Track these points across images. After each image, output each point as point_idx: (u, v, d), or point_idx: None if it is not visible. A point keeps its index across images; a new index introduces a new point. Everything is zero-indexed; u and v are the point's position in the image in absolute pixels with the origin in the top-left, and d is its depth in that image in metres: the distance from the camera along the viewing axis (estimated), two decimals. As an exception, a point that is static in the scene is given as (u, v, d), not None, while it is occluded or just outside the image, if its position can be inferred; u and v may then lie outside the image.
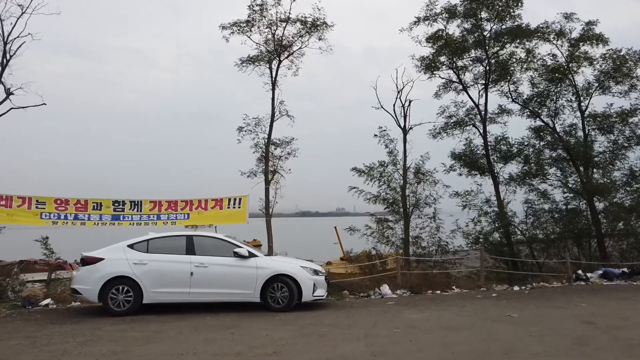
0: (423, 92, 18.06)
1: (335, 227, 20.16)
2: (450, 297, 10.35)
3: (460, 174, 16.40)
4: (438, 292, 11.69)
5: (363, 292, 11.85)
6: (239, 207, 13.74)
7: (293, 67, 15.78)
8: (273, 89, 15.41)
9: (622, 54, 15.86)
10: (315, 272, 9.11)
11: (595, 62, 16.42)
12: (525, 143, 16.27)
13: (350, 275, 13.85)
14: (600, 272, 12.35)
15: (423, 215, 15.53)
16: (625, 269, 12.30)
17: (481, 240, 15.31)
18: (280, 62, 15.59)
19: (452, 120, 16.60)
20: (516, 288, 11.67)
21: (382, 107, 16.57)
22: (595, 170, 16.71)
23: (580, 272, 12.44)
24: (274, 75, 15.44)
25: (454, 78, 17.00)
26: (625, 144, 16.21)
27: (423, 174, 15.59)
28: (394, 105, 16.36)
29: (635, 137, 15.97)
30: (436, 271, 12.84)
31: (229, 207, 13.37)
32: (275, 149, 15.76)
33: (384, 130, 15.94)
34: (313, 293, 8.87)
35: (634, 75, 15.84)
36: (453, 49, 16.05)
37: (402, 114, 16.13)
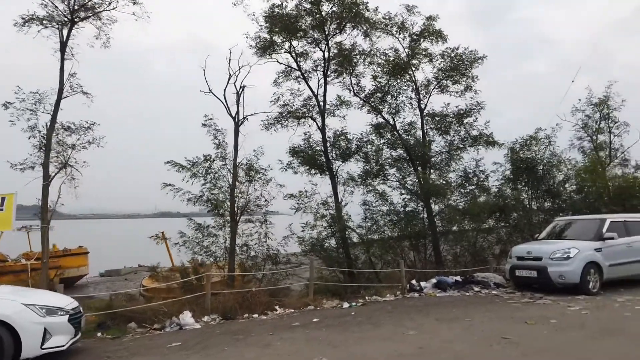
0: (268, 80, 16.07)
1: (162, 233, 16.87)
2: (264, 325, 8.14)
3: (296, 172, 14.53)
4: (256, 315, 9.43)
5: (160, 322, 9.11)
6: (1, 209, 10.26)
7: (102, 37, 12.43)
8: (62, 58, 11.76)
9: (459, 52, 15.56)
10: (51, 312, 6.08)
11: (434, 60, 15.94)
12: (365, 139, 15.05)
13: (168, 294, 11.11)
14: (434, 281, 11.35)
15: (254, 220, 13.31)
16: (458, 278, 11.49)
17: (317, 247, 13.61)
18: (73, 24, 12.00)
19: (286, 110, 14.63)
20: (346, 305, 9.96)
21: (211, 91, 13.90)
22: (432, 171, 16.27)
23: (414, 282, 11.29)
24: (64, 40, 11.83)
25: (294, 65, 15.11)
26: (461, 145, 16.00)
27: (256, 172, 13.34)
28: (224, 90, 13.81)
29: (470, 138, 15.82)
30: (257, 288, 10.59)
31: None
32: (69, 135, 12.19)
33: (211, 119, 13.34)
34: (43, 344, 5.85)
35: (470, 75, 15.66)
36: (287, 27, 14.06)
37: (236, 102, 13.71)
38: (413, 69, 15.89)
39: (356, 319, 8.10)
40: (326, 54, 14.80)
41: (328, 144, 14.75)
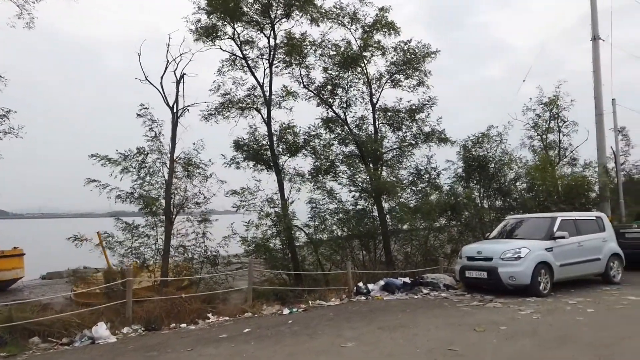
0: (213, 70, 14.91)
1: (98, 233, 15.41)
2: (188, 338, 7.16)
3: (238, 167, 13.56)
4: (184, 325, 8.43)
5: (70, 335, 7.96)
6: None
7: (25, 16, 11.10)
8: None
9: (411, 45, 15.05)
10: None
11: (387, 53, 15.36)
12: (313, 133, 14.26)
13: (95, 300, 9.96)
14: (382, 283, 10.70)
15: (192, 219, 12.26)
16: (407, 279, 10.89)
17: (261, 248, 12.69)
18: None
19: (228, 100, 13.62)
20: (286, 311, 9.12)
21: (146, 79, 12.71)
22: (384, 168, 15.71)
23: (361, 284, 10.60)
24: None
25: (239, 53, 14.11)
26: (413, 142, 15.52)
27: (195, 166, 12.28)
28: (161, 78, 12.66)
29: (422, 134, 15.36)
30: (187, 295, 9.56)
31: None
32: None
33: (146, 109, 12.18)
34: None
35: (422, 69, 15.18)
36: (229, 9, 13.04)
37: (175, 91, 12.57)
38: (365, 61, 15.26)
39: (292, 329, 7.27)
40: (272, 41, 13.90)
41: (274, 138, 13.87)
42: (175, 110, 12.48)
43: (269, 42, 13.83)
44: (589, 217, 11.10)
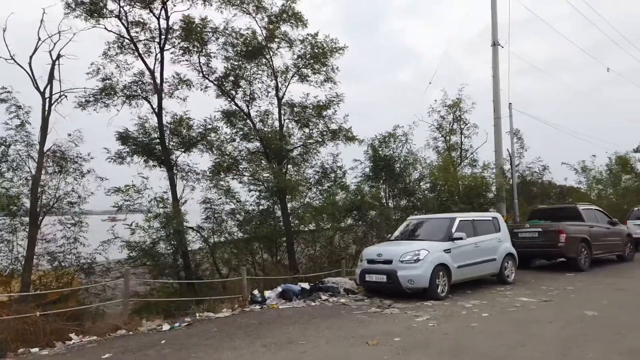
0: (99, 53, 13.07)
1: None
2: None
3: (121, 162, 12.08)
4: (36, 350, 7.03)
5: None
6: None
7: None
8: None
9: (319, 40, 14.49)
10: None
11: (294, 45, 14.67)
12: (209, 126, 13.16)
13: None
14: (279, 289, 9.93)
15: (65, 221, 10.65)
16: (306, 285, 10.21)
17: (150, 253, 11.36)
18: None
19: (108, 85, 12.09)
20: (166, 327, 8.02)
21: (12, 58, 10.88)
22: (290, 166, 15.02)
23: (256, 292, 9.73)
24: None
25: (127, 34, 12.59)
26: (319, 139, 14.99)
27: (71, 161, 10.67)
28: (30, 57, 10.92)
29: (329, 131, 14.88)
30: (42, 313, 8.07)
31: None
32: None
33: (9, 92, 10.39)
34: None
35: (330, 65, 14.69)
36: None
37: (49, 74, 10.86)
38: (271, 53, 14.44)
39: (162, 352, 6.22)
40: (163, 22, 12.57)
41: (168, 131, 12.56)
42: (48, 96, 10.80)
43: (159, 24, 12.47)
44: (486, 217, 11.20)
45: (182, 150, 12.64)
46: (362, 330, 6.74)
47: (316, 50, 14.36)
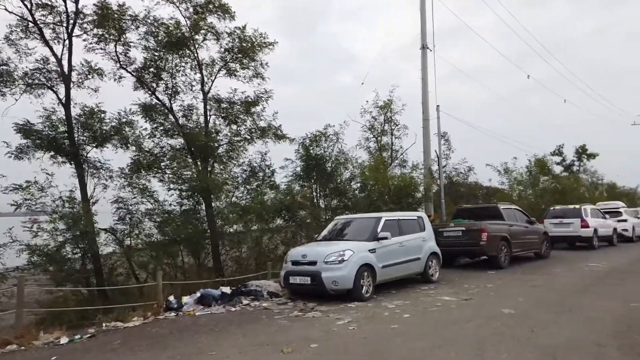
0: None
1: None
2: None
3: (21, 158, 10.90)
4: None
5: None
6: None
7: None
8: None
9: (247, 33, 13.95)
10: None
11: (222, 38, 14.02)
12: (124, 120, 12.22)
13: None
14: (197, 295, 9.31)
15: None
16: (227, 289, 9.66)
17: (55, 257, 10.29)
18: None
19: (4, 70, 10.89)
20: (64, 340, 7.18)
21: None
22: (216, 164, 14.35)
23: (172, 298, 9.07)
24: None
25: (30, 16, 11.38)
26: (248, 137, 14.45)
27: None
28: None
29: (258, 129, 14.38)
30: None
31: None
32: None
33: None
34: None
35: (259, 60, 14.19)
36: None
37: None
38: (196, 45, 13.70)
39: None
40: (71, 4, 11.49)
41: (78, 124, 11.49)
42: None
43: (66, 7, 11.38)
44: (411, 217, 11.22)
45: (94, 145, 11.61)
46: (280, 337, 6.35)
47: (244, 45, 13.82)
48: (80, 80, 11.73)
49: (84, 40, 12.24)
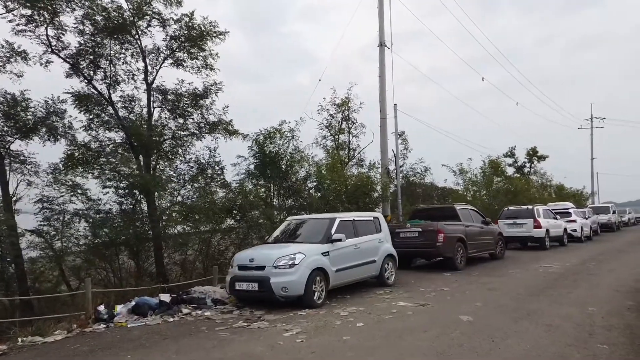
0: None
1: None
2: None
3: None
4: None
5: None
6: None
7: None
8: None
9: (196, 21, 13.03)
10: None
11: (168, 25, 13.04)
12: (52, 109, 11.08)
13: None
14: (132, 303, 8.42)
15: None
16: (166, 297, 8.79)
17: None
18: None
19: None
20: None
21: None
22: (162, 161, 13.38)
23: (102, 308, 8.12)
24: None
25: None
26: (196, 132, 13.55)
27: None
28: None
29: (207, 123, 13.50)
30: None
31: None
32: None
33: None
34: None
35: (208, 49, 13.30)
36: None
37: None
38: (139, 31, 12.67)
39: None
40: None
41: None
42: None
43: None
44: (367, 217, 10.72)
45: (17, 137, 10.42)
46: (218, 353, 5.64)
47: (193, 33, 12.91)
48: (1, 64, 10.49)
49: (10, 21, 10.99)
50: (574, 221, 21.75)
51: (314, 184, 16.00)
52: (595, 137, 53.39)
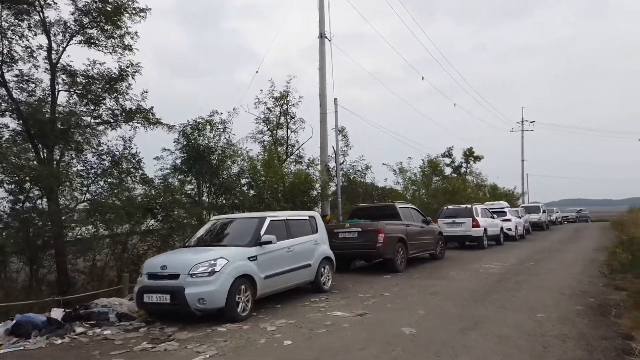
0: None
1: None
2: None
3: None
4: None
5: None
6: None
7: None
8: None
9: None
10: None
11: (77, -2, 11.36)
12: None
13: None
14: (11, 323, 6.89)
15: None
16: (58, 313, 7.31)
17: None
18: None
19: None
20: None
21: None
22: (72, 153, 11.66)
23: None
24: None
25: None
26: (112, 120, 11.94)
27: None
28: None
29: (124, 111, 11.93)
30: None
31: None
32: None
33: None
34: None
35: (125, 27, 11.74)
36: None
37: None
38: (42, 2, 10.91)
39: None
40: None
41: None
42: None
43: None
44: (302, 216, 9.74)
45: None
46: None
47: (107, 7, 11.32)
48: None
49: None
50: (509, 220, 22.03)
51: (247, 180, 14.80)
52: (526, 140, 55.82)
